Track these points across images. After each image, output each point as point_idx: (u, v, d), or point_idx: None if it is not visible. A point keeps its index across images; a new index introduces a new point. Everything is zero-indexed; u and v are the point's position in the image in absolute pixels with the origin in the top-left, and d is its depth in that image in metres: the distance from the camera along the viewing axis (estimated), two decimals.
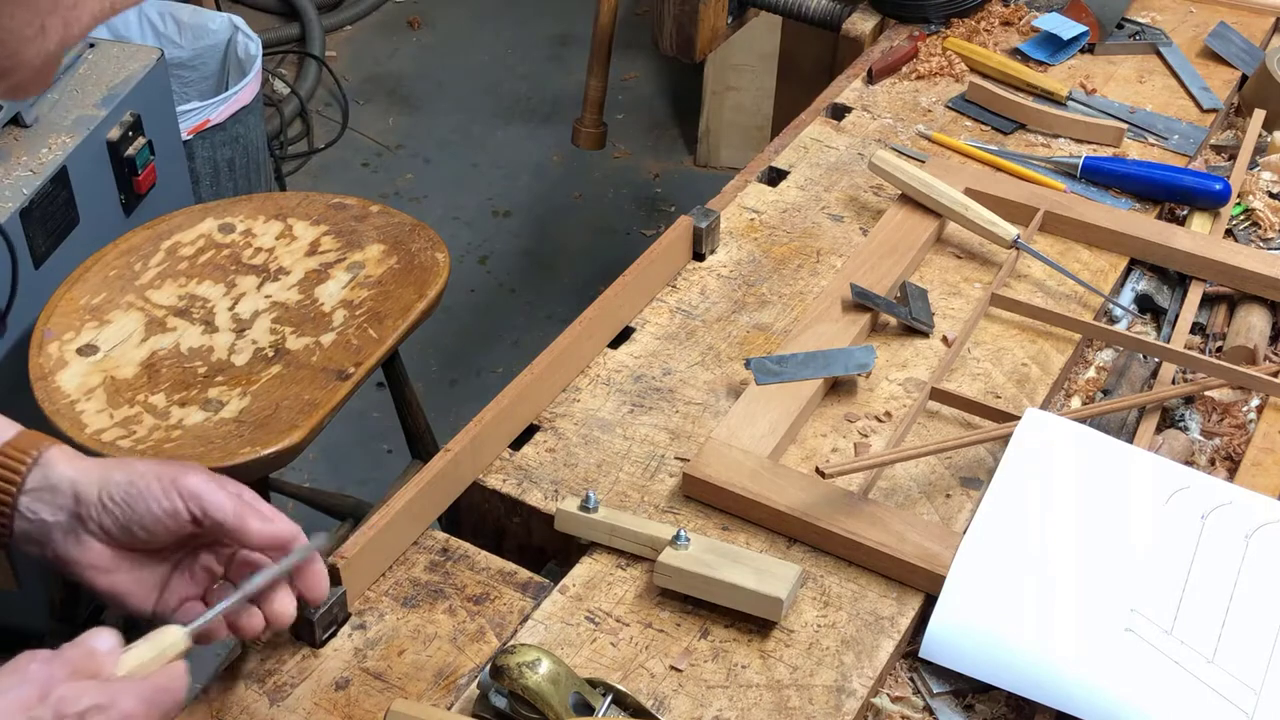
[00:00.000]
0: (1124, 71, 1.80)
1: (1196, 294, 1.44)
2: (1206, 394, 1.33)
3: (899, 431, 1.25)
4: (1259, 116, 1.67)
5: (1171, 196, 1.56)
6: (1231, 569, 1.11)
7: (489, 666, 0.99)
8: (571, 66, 3.68)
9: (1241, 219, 1.56)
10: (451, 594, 1.12)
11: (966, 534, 1.13)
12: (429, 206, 3.22)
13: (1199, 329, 1.43)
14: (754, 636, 1.09)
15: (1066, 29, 1.79)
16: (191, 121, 2.47)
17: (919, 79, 1.77)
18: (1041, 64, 1.79)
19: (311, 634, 1.06)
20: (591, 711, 0.99)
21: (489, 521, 1.23)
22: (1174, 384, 1.33)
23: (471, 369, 2.82)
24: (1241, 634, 1.07)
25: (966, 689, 1.08)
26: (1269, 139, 1.65)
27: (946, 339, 1.38)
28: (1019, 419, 1.22)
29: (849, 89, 1.76)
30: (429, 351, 2.81)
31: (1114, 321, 1.44)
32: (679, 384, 1.33)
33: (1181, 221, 1.55)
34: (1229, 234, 1.54)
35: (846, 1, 1.91)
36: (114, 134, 1.97)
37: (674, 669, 1.06)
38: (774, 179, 1.60)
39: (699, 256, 1.48)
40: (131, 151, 2.00)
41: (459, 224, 3.17)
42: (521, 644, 1.01)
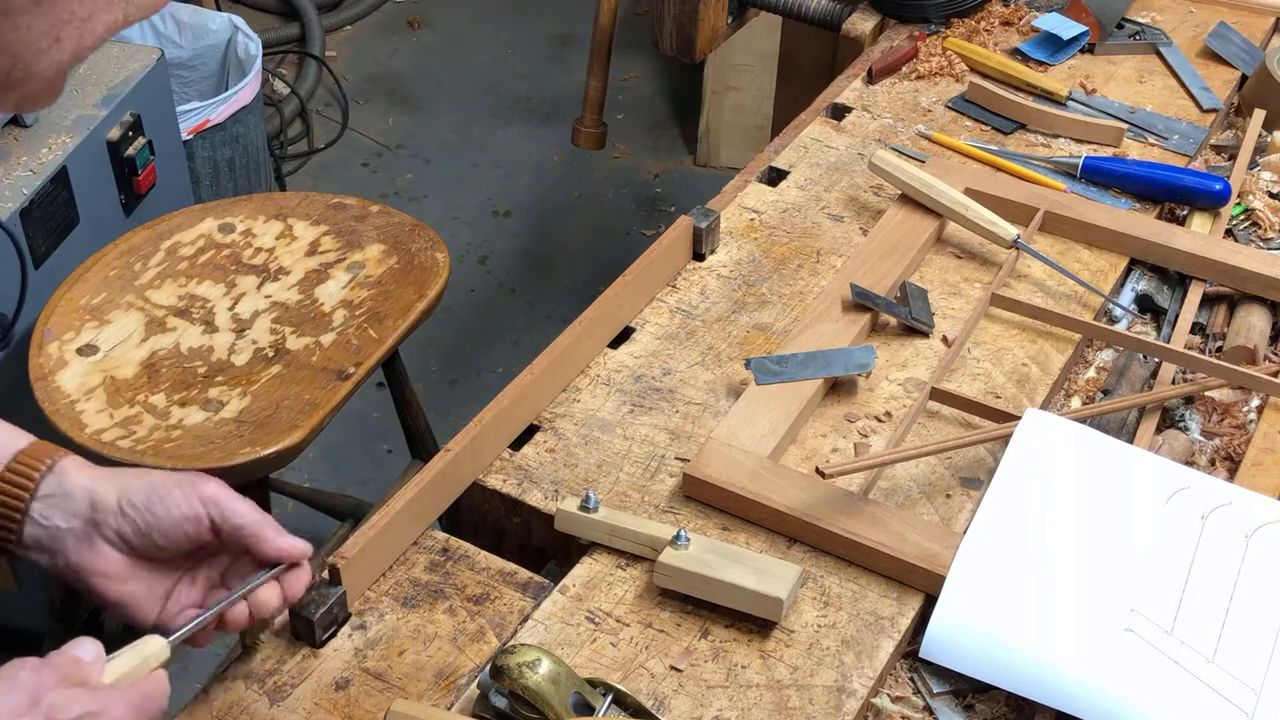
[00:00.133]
0: (1124, 71, 1.80)
1: (1196, 294, 1.44)
2: (1206, 394, 1.33)
3: (899, 431, 1.25)
4: (1259, 116, 1.67)
5: (1171, 196, 1.56)
6: (1231, 569, 1.11)
7: (489, 666, 0.99)
8: (571, 66, 3.68)
9: (1241, 219, 1.56)
10: (451, 594, 1.12)
11: (966, 534, 1.13)
12: (429, 206, 3.21)
13: (1199, 329, 1.43)
14: (754, 636, 1.09)
15: (1066, 29, 1.79)
16: (191, 121, 2.47)
17: (919, 79, 1.77)
18: (1041, 64, 1.79)
19: (311, 634, 1.06)
20: (591, 711, 0.99)
21: (489, 521, 1.23)
22: (1174, 384, 1.33)
23: (471, 369, 2.82)
24: (1241, 634, 1.07)
25: (966, 689, 1.08)
26: (1269, 139, 1.65)
27: (946, 339, 1.38)
28: (1019, 419, 1.22)
29: (849, 89, 1.75)
30: (429, 351, 2.81)
31: (1114, 321, 1.44)
32: (679, 384, 1.33)
33: (1181, 221, 1.55)
34: (1229, 234, 1.54)
35: (846, 1, 1.91)
36: (114, 134, 1.97)
37: (674, 669, 1.06)
38: (774, 179, 1.60)
39: (699, 256, 1.48)
40: (131, 151, 2.00)
41: (459, 224, 3.17)
42: (521, 644, 1.01)
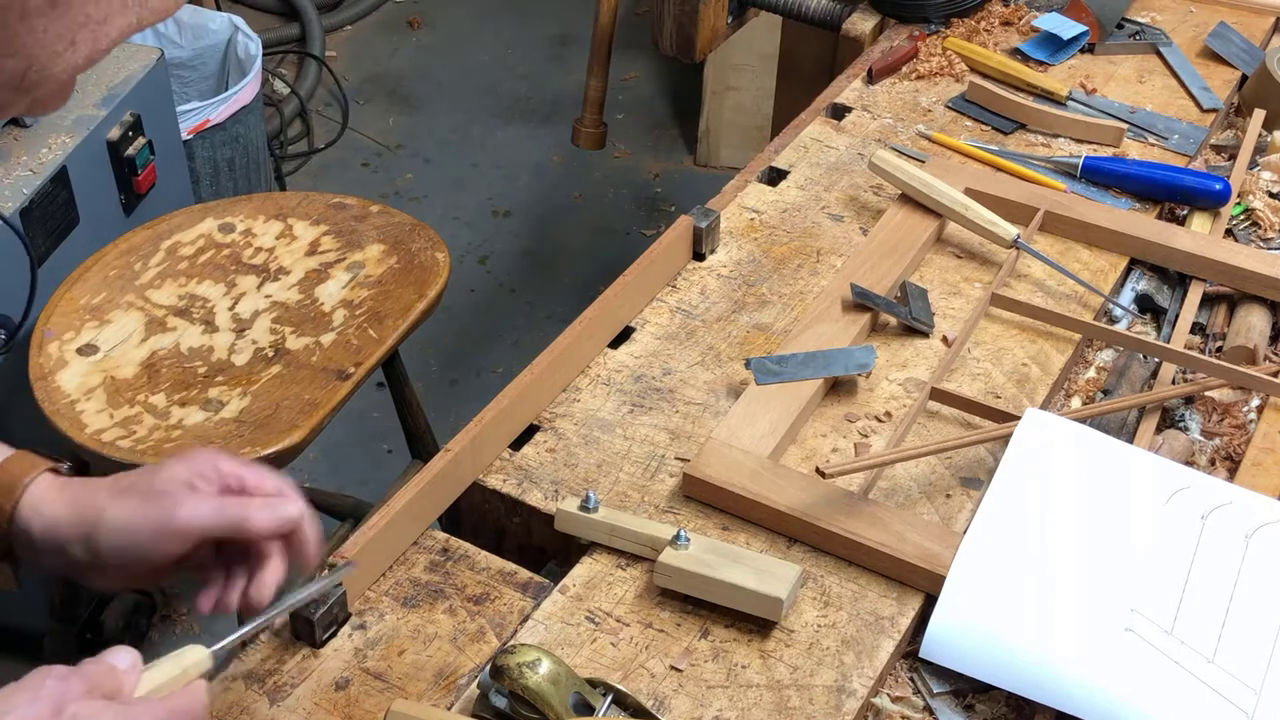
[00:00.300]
0: (1124, 71, 1.80)
1: (1196, 294, 1.44)
2: (1206, 394, 1.33)
3: (899, 431, 1.25)
4: (1259, 116, 1.67)
5: (1171, 196, 1.56)
6: (1231, 569, 1.11)
7: (489, 666, 0.99)
8: (571, 66, 3.68)
9: (1241, 219, 1.56)
10: (451, 594, 1.12)
11: (966, 534, 1.13)
12: (429, 206, 3.21)
13: (1199, 329, 1.43)
14: (754, 636, 1.09)
15: (1066, 29, 1.79)
16: (191, 121, 2.47)
17: (919, 79, 1.77)
18: (1041, 64, 1.79)
19: (311, 634, 1.06)
20: (591, 711, 0.99)
21: (489, 521, 1.23)
22: (1174, 384, 1.33)
23: (471, 369, 2.82)
24: (1241, 634, 1.07)
25: (966, 689, 1.08)
26: (1269, 139, 1.65)
27: (946, 339, 1.38)
28: (1019, 419, 1.22)
29: (849, 89, 1.75)
30: (429, 351, 2.81)
31: (1114, 321, 1.44)
32: (679, 384, 1.33)
33: (1181, 221, 1.55)
34: (1229, 234, 1.54)
35: (846, 1, 1.91)
36: (114, 134, 1.97)
37: (674, 669, 1.06)
38: (774, 179, 1.60)
39: (699, 256, 1.48)
40: (131, 151, 2.00)
41: (459, 224, 3.17)
42: (522, 644, 1.01)
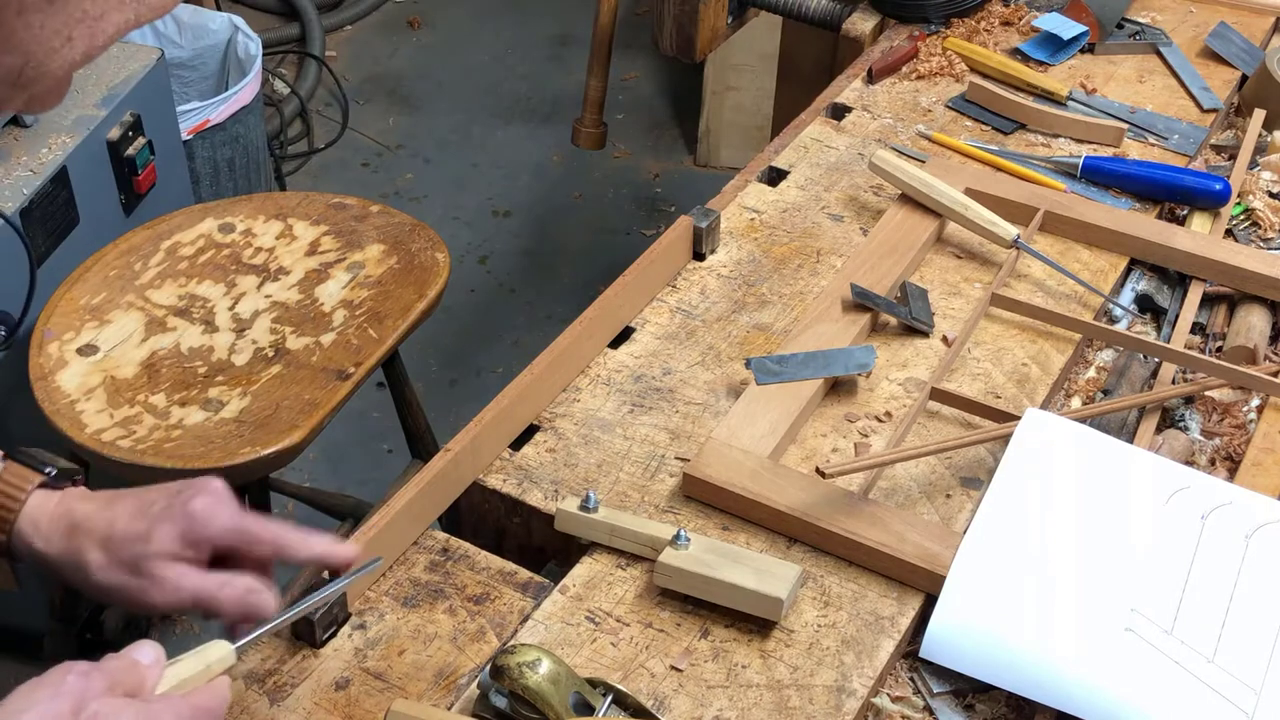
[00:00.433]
0: (1124, 71, 1.80)
1: (1196, 294, 1.44)
2: (1206, 394, 1.33)
3: (899, 431, 1.25)
4: (1259, 116, 1.67)
5: (1171, 196, 1.56)
6: (1231, 569, 1.11)
7: (489, 666, 0.99)
8: (571, 66, 3.68)
9: (1241, 219, 1.56)
10: (452, 594, 1.12)
11: (966, 534, 1.13)
12: (429, 206, 3.21)
13: (1199, 329, 1.43)
14: (754, 636, 1.09)
15: (1066, 29, 1.79)
16: (191, 121, 2.47)
17: (919, 79, 1.77)
18: (1041, 64, 1.79)
19: (311, 634, 1.06)
20: (592, 711, 0.99)
21: (489, 521, 1.23)
22: (1174, 384, 1.33)
23: (471, 369, 2.82)
24: (1241, 634, 1.07)
25: (966, 689, 1.08)
26: (1269, 139, 1.65)
27: (946, 339, 1.38)
28: (1019, 419, 1.22)
29: (849, 89, 1.75)
30: (429, 351, 2.81)
31: (1114, 321, 1.44)
32: (679, 384, 1.33)
33: (1181, 221, 1.55)
34: (1229, 234, 1.53)
35: (846, 1, 1.91)
36: (114, 134, 1.97)
37: (674, 669, 1.06)
38: (774, 179, 1.60)
39: (699, 256, 1.48)
40: (131, 151, 2.00)
41: (459, 224, 3.17)
42: (522, 644, 1.01)
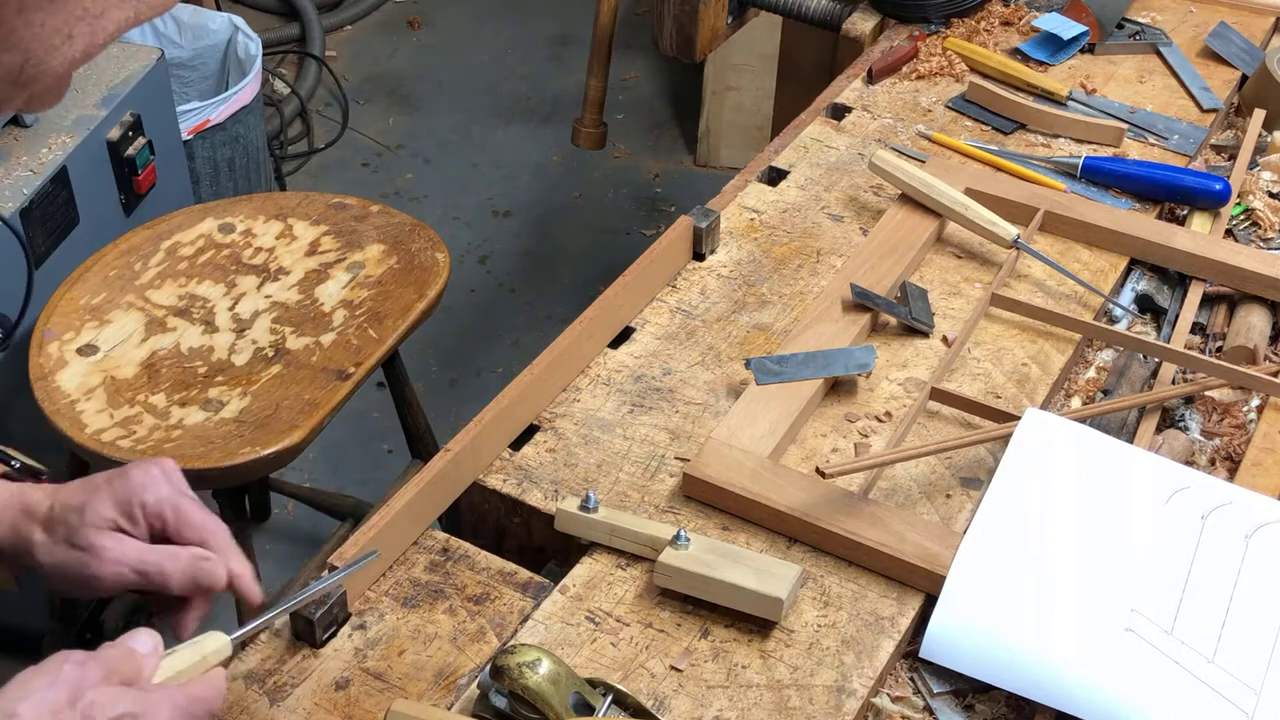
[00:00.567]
0: (1124, 71, 1.80)
1: (1196, 294, 1.44)
2: (1206, 394, 1.33)
3: (899, 431, 1.25)
4: (1259, 116, 1.67)
5: (1171, 196, 1.56)
6: (1231, 569, 1.11)
7: (489, 666, 0.99)
8: (571, 66, 3.68)
9: (1241, 219, 1.56)
10: (451, 594, 1.12)
11: (966, 534, 1.13)
12: (429, 206, 3.21)
13: (1199, 329, 1.43)
14: (754, 636, 1.09)
15: (1066, 29, 1.79)
16: (191, 121, 2.47)
17: (919, 79, 1.77)
18: (1041, 64, 1.79)
19: (311, 634, 1.06)
20: (592, 711, 0.99)
21: (489, 521, 1.23)
22: (1174, 384, 1.33)
23: (471, 369, 2.82)
24: (1241, 634, 1.07)
25: (966, 689, 1.08)
26: (1269, 139, 1.65)
27: (946, 339, 1.38)
28: (1019, 419, 1.22)
29: (849, 89, 1.75)
30: (429, 351, 2.81)
31: (1114, 321, 1.44)
32: (679, 384, 1.33)
33: (1181, 221, 1.55)
34: (1229, 234, 1.53)
35: (846, 1, 1.91)
36: (114, 134, 1.97)
37: (674, 669, 1.06)
38: (774, 179, 1.60)
39: (699, 256, 1.48)
40: (131, 151, 2.00)
41: (459, 224, 3.17)
42: (522, 644, 1.01)
